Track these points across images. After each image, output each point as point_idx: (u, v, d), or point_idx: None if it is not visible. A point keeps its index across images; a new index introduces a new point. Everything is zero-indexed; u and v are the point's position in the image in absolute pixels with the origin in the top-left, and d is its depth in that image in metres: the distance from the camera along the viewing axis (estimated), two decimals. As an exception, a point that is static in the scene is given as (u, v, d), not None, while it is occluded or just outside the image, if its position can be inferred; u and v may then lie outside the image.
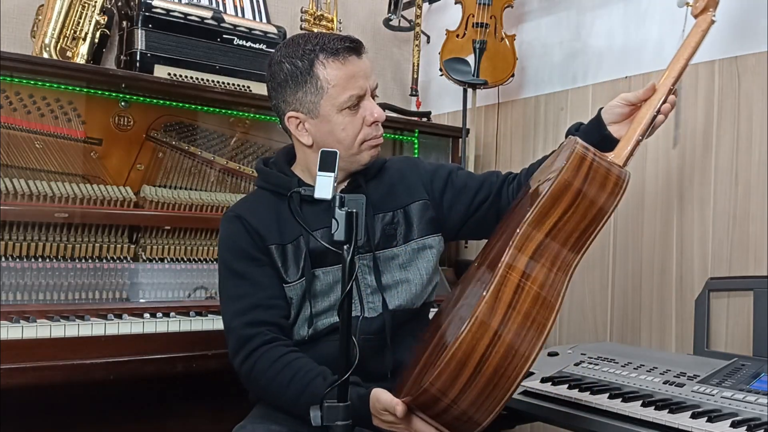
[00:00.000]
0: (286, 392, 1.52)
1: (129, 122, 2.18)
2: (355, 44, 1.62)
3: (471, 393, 1.29)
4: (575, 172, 1.42)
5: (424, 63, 2.96)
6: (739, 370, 1.68)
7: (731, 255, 2.10)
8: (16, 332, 1.68)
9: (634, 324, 2.34)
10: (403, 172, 1.78)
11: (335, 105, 1.60)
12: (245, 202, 1.75)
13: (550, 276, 1.37)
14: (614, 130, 1.66)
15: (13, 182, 1.96)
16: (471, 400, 1.30)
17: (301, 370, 1.52)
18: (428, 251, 1.73)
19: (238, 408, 1.73)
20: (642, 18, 2.40)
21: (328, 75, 1.59)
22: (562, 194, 1.41)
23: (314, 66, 1.59)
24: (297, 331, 1.67)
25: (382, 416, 1.41)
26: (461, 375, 1.28)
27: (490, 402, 1.30)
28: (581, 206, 1.41)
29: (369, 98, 1.63)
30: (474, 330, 1.28)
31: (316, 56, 1.59)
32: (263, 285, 1.63)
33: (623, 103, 1.66)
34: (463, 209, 1.76)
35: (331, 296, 1.65)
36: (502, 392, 1.30)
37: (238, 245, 1.65)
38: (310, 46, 1.60)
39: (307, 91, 1.60)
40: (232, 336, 1.61)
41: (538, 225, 1.40)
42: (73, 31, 2.22)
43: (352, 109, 1.61)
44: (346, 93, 1.59)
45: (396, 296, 1.68)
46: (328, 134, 1.63)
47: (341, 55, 1.59)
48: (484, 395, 1.29)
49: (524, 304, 1.31)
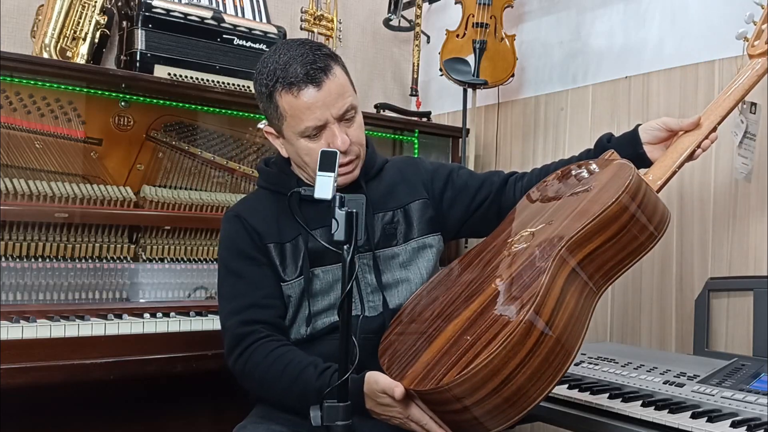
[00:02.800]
0: (280, 382, 1.53)
1: (129, 122, 2.18)
2: (316, 73, 1.55)
3: (488, 405, 1.28)
4: (628, 203, 1.41)
5: (424, 63, 2.96)
6: (739, 370, 1.68)
7: (731, 255, 2.10)
8: (16, 332, 1.68)
9: (634, 324, 2.34)
10: (404, 171, 1.78)
11: (295, 132, 1.59)
12: (245, 201, 1.76)
13: (581, 299, 1.36)
14: (648, 150, 1.67)
15: (13, 182, 1.96)
16: (485, 411, 1.29)
17: (294, 360, 1.54)
18: (428, 250, 1.73)
19: (238, 408, 1.73)
20: (642, 18, 2.40)
21: (285, 105, 1.57)
22: (611, 222, 1.40)
23: (273, 95, 1.58)
24: (296, 330, 1.67)
25: (379, 398, 1.41)
26: (484, 387, 1.26)
27: (503, 417, 1.30)
28: (624, 238, 1.41)
29: (333, 125, 1.57)
30: (509, 347, 1.25)
31: (274, 87, 1.57)
32: (259, 284, 1.63)
33: (663, 127, 1.67)
34: (463, 208, 1.76)
35: (331, 295, 1.66)
36: (518, 410, 1.29)
37: (236, 244, 1.66)
38: (270, 75, 1.58)
39: (272, 114, 1.61)
40: (227, 335, 1.62)
41: (580, 246, 1.39)
42: (73, 31, 2.22)
43: (312, 138, 1.59)
44: (303, 124, 1.57)
45: (396, 295, 1.68)
46: (295, 154, 1.64)
47: (295, 88, 1.55)
48: (500, 410, 1.29)
49: (557, 328, 1.30)
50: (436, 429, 1.38)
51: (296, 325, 1.67)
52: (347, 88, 1.60)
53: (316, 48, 1.60)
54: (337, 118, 1.58)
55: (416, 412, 1.38)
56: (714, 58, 2.17)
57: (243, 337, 1.58)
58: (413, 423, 1.40)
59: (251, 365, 1.56)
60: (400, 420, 1.41)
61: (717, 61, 2.16)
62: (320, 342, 1.64)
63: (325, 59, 1.58)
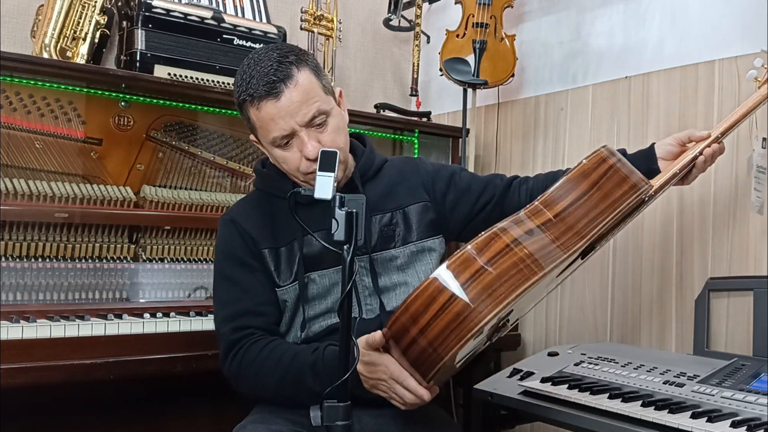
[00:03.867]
0: (275, 372, 1.54)
1: (129, 122, 2.18)
2: (274, 84, 1.53)
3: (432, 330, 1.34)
4: (597, 164, 1.49)
5: (424, 63, 2.96)
6: (739, 370, 1.68)
7: (731, 255, 2.10)
8: (16, 332, 1.68)
9: (634, 324, 2.34)
10: (403, 172, 1.77)
11: (267, 142, 1.61)
12: (241, 204, 1.76)
13: (542, 251, 1.40)
14: (662, 165, 1.73)
15: (13, 182, 1.96)
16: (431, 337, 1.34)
17: (288, 350, 1.56)
18: (429, 254, 1.72)
19: (238, 408, 1.73)
20: (642, 18, 2.40)
21: (252, 117, 1.59)
22: (582, 179, 1.48)
23: (242, 107, 1.61)
24: (293, 335, 1.67)
25: (365, 357, 1.42)
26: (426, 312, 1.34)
27: (448, 342, 1.33)
28: (595, 195, 1.47)
29: (302, 132, 1.55)
30: (454, 266, 1.34)
31: (242, 100, 1.59)
32: (253, 291, 1.64)
33: (676, 142, 1.74)
34: (466, 210, 1.76)
35: (328, 299, 1.65)
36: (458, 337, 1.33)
37: (230, 250, 1.67)
38: (237, 89, 1.60)
39: (247, 124, 1.64)
40: (221, 341, 1.64)
41: (551, 204, 1.46)
42: (73, 31, 2.22)
43: (283, 147, 1.59)
44: (270, 135, 1.57)
45: (394, 298, 1.67)
46: (275, 161, 1.65)
47: (256, 101, 1.55)
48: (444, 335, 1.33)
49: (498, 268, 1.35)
50: (414, 385, 1.40)
51: (293, 329, 1.67)
52: (313, 94, 1.56)
53: (282, 56, 1.57)
54: (304, 125, 1.55)
55: (395, 369, 1.40)
56: (714, 58, 2.17)
57: (236, 342, 1.60)
58: (396, 383, 1.40)
59: (246, 363, 1.57)
60: (385, 383, 1.42)
61: (717, 61, 2.16)
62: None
63: (286, 67, 1.55)
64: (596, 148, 1.53)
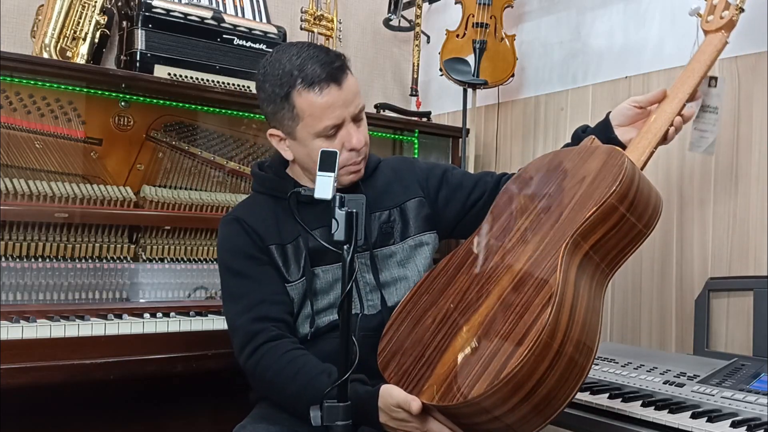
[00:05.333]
0: (291, 386, 1.51)
1: (129, 122, 2.18)
2: (336, 72, 1.56)
3: (520, 412, 1.25)
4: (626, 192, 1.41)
5: (424, 63, 2.96)
6: (739, 370, 1.68)
7: (731, 255, 2.10)
8: (16, 332, 1.68)
9: (634, 324, 2.34)
10: (398, 170, 1.78)
11: (311, 132, 1.59)
12: (243, 206, 1.75)
13: (593, 290, 1.36)
14: (620, 132, 1.68)
15: (13, 182, 1.96)
16: (518, 417, 1.26)
17: (306, 365, 1.52)
18: (425, 248, 1.74)
19: (238, 408, 1.73)
20: (642, 18, 2.40)
21: (304, 104, 1.56)
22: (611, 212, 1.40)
23: (291, 95, 1.57)
24: (298, 329, 1.67)
25: (393, 413, 1.39)
26: (515, 396, 1.23)
27: (537, 420, 1.27)
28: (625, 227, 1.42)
29: (349, 125, 1.59)
30: (537, 352, 1.22)
31: (293, 86, 1.56)
32: (265, 282, 1.63)
33: (632, 105, 1.69)
34: (458, 207, 1.77)
35: (331, 294, 1.66)
36: (552, 410, 1.27)
37: (236, 245, 1.66)
38: (288, 75, 1.57)
39: (284, 115, 1.60)
40: (237, 333, 1.60)
41: (585, 238, 1.39)
42: (73, 31, 2.22)
43: (328, 137, 1.59)
44: (322, 123, 1.57)
45: (395, 293, 1.68)
46: (306, 156, 1.63)
47: (317, 87, 1.55)
48: (533, 414, 1.26)
49: (578, 325, 1.27)
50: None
51: (299, 323, 1.67)
52: (359, 89, 1.62)
53: (326, 49, 1.62)
54: (353, 117, 1.59)
55: (435, 426, 1.36)
56: (714, 58, 2.17)
57: (254, 335, 1.57)
58: None
59: (262, 367, 1.55)
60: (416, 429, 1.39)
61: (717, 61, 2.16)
62: (322, 340, 1.64)
63: (340, 59, 1.60)
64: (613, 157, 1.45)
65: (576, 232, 1.37)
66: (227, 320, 1.65)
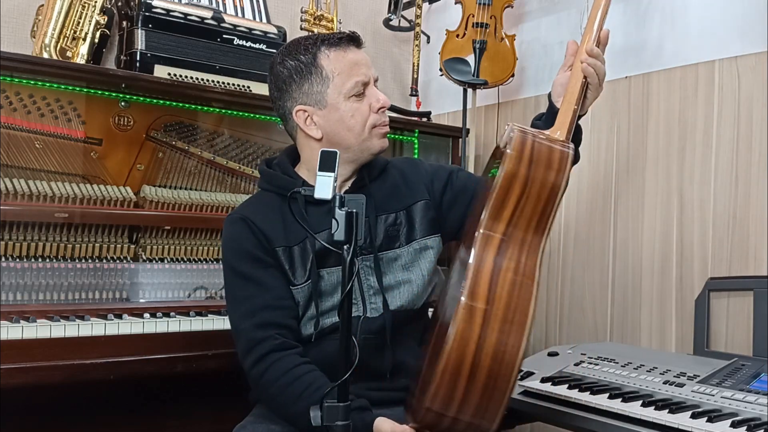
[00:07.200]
0: (295, 405, 1.50)
1: (129, 122, 2.18)
2: (354, 35, 1.68)
3: (471, 403, 1.30)
4: (518, 159, 1.43)
5: (424, 63, 2.96)
6: (739, 370, 1.68)
7: (731, 255, 2.10)
8: (16, 332, 1.68)
9: (634, 324, 2.34)
10: (405, 172, 1.78)
11: (342, 93, 1.63)
12: (249, 204, 1.74)
13: (521, 262, 1.38)
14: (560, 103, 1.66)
15: (13, 182, 1.96)
16: (473, 410, 1.30)
17: (312, 386, 1.51)
18: (429, 251, 1.73)
19: (238, 408, 1.73)
20: (642, 18, 2.40)
21: (332, 64, 1.63)
22: (512, 183, 1.42)
23: (318, 58, 1.63)
24: (302, 330, 1.66)
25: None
26: (457, 388, 1.29)
27: (492, 405, 1.30)
28: (533, 190, 1.42)
29: (373, 86, 1.68)
30: (458, 339, 1.29)
31: (319, 48, 1.64)
32: (270, 286, 1.62)
33: (564, 71, 1.68)
34: (462, 210, 1.76)
35: (335, 296, 1.65)
36: (501, 393, 1.30)
37: (242, 247, 1.64)
38: (311, 41, 1.66)
39: (313, 82, 1.64)
40: (241, 338, 1.60)
41: (497, 218, 1.41)
42: (73, 31, 2.22)
43: (358, 96, 1.64)
44: (352, 80, 1.63)
45: (398, 297, 1.68)
46: (337, 123, 1.64)
47: (342, 45, 1.64)
48: (485, 401, 1.30)
49: (501, 298, 1.32)
50: None
51: (303, 324, 1.66)
52: None
53: None
54: (375, 79, 1.69)
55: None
56: (714, 58, 2.17)
57: (258, 343, 1.56)
58: None
59: (267, 380, 1.54)
60: None
61: (717, 61, 2.16)
62: (325, 341, 1.63)
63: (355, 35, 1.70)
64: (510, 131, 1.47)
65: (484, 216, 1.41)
66: (230, 321, 1.65)
